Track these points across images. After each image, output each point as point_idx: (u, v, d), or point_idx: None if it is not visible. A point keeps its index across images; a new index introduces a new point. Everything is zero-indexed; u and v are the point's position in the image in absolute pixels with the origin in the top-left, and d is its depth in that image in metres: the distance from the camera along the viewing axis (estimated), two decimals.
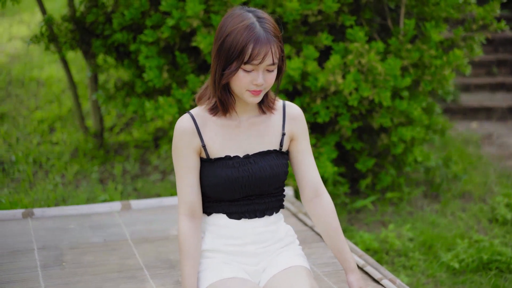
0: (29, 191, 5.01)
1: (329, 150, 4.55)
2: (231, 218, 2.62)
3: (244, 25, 2.44)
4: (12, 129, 6.16)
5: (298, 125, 2.68)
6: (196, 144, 2.55)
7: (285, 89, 4.61)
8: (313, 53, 4.45)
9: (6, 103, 6.72)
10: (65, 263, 3.32)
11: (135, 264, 3.32)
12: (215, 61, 2.48)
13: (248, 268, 2.66)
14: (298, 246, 2.79)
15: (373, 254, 4.39)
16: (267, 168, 2.58)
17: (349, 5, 4.59)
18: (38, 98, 6.85)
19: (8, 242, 3.54)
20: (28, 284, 3.09)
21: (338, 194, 4.84)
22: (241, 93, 2.48)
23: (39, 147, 5.84)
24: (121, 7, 4.81)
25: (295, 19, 4.46)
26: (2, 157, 5.62)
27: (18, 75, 7.31)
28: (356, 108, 4.52)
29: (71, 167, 5.47)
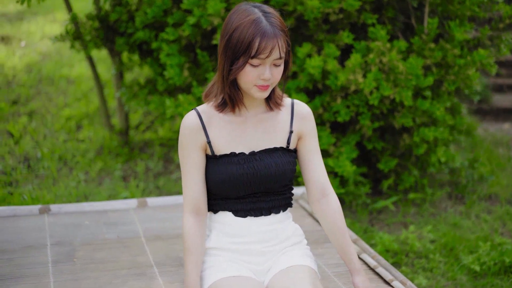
0: (52, 187, 5.06)
1: (349, 149, 4.50)
2: (237, 216, 2.60)
3: (250, 19, 2.43)
4: (40, 126, 6.23)
5: (307, 124, 2.66)
6: (201, 140, 2.55)
7: (306, 88, 4.57)
8: (334, 51, 4.41)
9: (36, 100, 6.80)
10: (76, 259, 3.34)
11: (146, 261, 3.32)
12: (222, 57, 2.48)
13: (253, 267, 2.64)
14: (306, 246, 2.77)
15: (393, 256, 4.34)
16: (272, 165, 2.56)
17: (371, 3, 4.54)
18: (67, 96, 6.92)
19: (22, 238, 3.56)
20: (38, 279, 3.11)
21: (359, 194, 4.79)
22: (249, 89, 2.47)
23: (65, 144, 5.90)
24: (144, 5, 4.83)
25: (316, 17, 4.43)
26: (28, 154, 5.69)
27: (48, 73, 7.40)
28: (377, 107, 4.47)
29: (95, 164, 5.51)
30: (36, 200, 4.72)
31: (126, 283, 3.09)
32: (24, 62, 7.62)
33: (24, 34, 8.38)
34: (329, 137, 4.45)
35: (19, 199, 4.76)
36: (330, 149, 4.52)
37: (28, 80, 7.17)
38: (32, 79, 7.21)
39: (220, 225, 2.63)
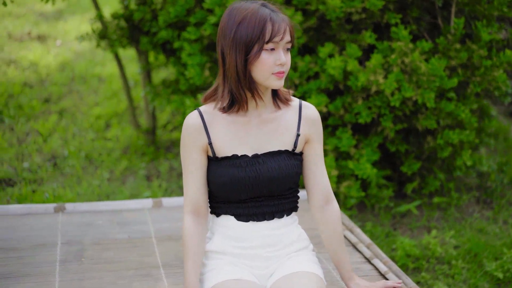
0: (76, 186, 5.08)
1: (370, 152, 4.42)
2: (239, 220, 2.56)
3: (253, 10, 2.41)
4: (70, 125, 6.27)
5: (315, 128, 2.61)
6: (202, 141, 2.51)
7: (327, 88, 4.50)
8: (355, 51, 4.33)
9: (67, 99, 6.85)
10: (85, 258, 3.34)
11: (153, 262, 3.31)
12: (231, 54, 2.42)
13: (256, 272, 2.60)
14: (312, 251, 2.71)
15: (414, 261, 4.24)
16: (276, 168, 2.51)
17: (395, 3, 4.44)
18: (98, 95, 6.96)
19: (34, 236, 3.58)
20: (44, 278, 3.12)
21: (382, 197, 4.70)
22: (266, 78, 2.42)
23: (93, 143, 5.93)
24: (168, 4, 4.82)
25: (338, 16, 4.35)
26: (56, 152, 5.73)
27: (81, 72, 7.45)
28: (399, 109, 4.37)
29: (120, 163, 5.52)
30: (58, 199, 4.75)
31: (130, 284, 3.08)
32: (58, 61, 7.69)
33: (60, 33, 8.47)
34: (350, 139, 4.37)
35: (41, 197, 4.78)
36: (351, 151, 4.45)
37: (61, 79, 7.24)
38: (65, 78, 7.27)
39: (222, 229, 2.59)
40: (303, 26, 4.47)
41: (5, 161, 5.50)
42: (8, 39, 8.20)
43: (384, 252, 4.29)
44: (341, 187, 4.44)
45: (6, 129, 6.14)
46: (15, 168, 5.38)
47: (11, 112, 6.46)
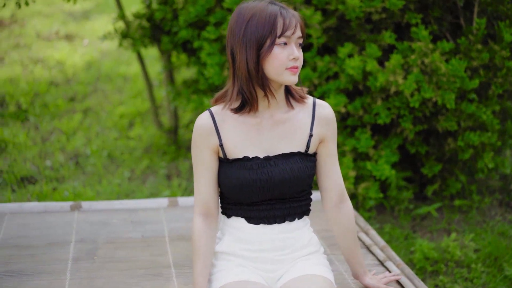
0: (96, 185, 5.11)
1: (389, 153, 4.37)
2: (250, 223, 2.53)
3: (262, 6, 2.40)
4: (94, 124, 6.31)
5: (330, 127, 2.57)
6: (213, 143, 2.48)
7: (346, 89, 4.47)
8: (375, 51, 4.29)
9: (92, 98, 6.90)
10: (97, 257, 3.35)
11: (165, 262, 3.30)
12: (242, 52, 2.39)
13: (264, 274, 2.58)
14: (323, 255, 2.68)
15: (432, 264, 4.19)
16: (287, 171, 2.47)
17: (416, 3, 4.39)
18: (123, 94, 7.00)
19: (49, 234, 3.60)
20: (54, 276, 3.14)
21: (401, 199, 4.65)
22: (280, 74, 2.39)
23: (115, 141, 5.96)
24: (189, 3, 4.82)
25: (358, 16, 4.32)
26: (78, 151, 5.77)
27: (107, 71, 7.50)
28: (419, 110, 4.32)
29: (141, 162, 5.54)
30: (77, 197, 4.77)
31: (139, 283, 3.08)
32: (84, 60, 7.75)
33: (88, 33, 8.53)
34: (368, 140, 4.33)
35: (61, 195, 4.82)
36: (370, 152, 4.40)
37: (87, 78, 7.29)
38: (91, 77, 7.32)
39: (233, 230, 2.57)
40: (322, 26, 4.44)
41: (28, 159, 5.55)
42: (36, 38, 8.29)
43: (402, 254, 4.26)
44: (359, 188, 4.40)
45: (31, 128, 6.21)
46: (37, 166, 5.43)
47: (37, 111, 6.52)
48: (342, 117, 4.51)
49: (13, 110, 6.50)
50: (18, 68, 7.48)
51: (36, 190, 4.95)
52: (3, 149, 5.75)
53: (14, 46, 8.10)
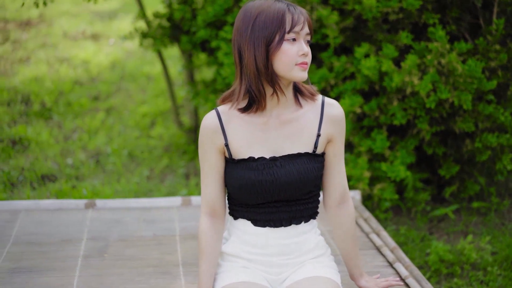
0: (115, 183, 5.15)
1: (405, 154, 4.34)
2: (256, 226, 2.51)
3: (269, 3, 2.40)
4: (116, 122, 6.37)
5: (338, 127, 2.53)
6: (219, 143, 2.46)
7: (362, 89, 4.45)
8: (392, 52, 4.26)
9: (116, 97, 6.96)
10: (107, 254, 3.38)
11: (174, 260, 3.32)
12: (250, 49, 2.38)
13: (269, 277, 2.55)
14: (330, 256, 2.65)
15: (448, 266, 4.15)
16: (294, 172, 2.44)
17: (433, 3, 4.35)
18: (146, 93, 7.04)
19: (61, 231, 3.64)
20: (64, 273, 3.17)
21: (418, 201, 4.62)
22: (289, 70, 2.37)
23: (136, 140, 6.00)
24: (208, 3, 4.84)
25: (374, 16, 4.30)
26: (100, 149, 5.82)
27: (131, 71, 7.56)
28: (435, 111, 4.28)
29: (160, 161, 5.57)
30: (95, 195, 4.82)
31: (148, 281, 3.11)
32: (109, 59, 7.82)
33: (114, 32, 8.60)
34: (384, 141, 4.30)
35: (80, 193, 4.86)
36: (386, 153, 4.38)
37: (111, 77, 7.36)
38: (115, 76, 7.39)
39: (239, 232, 2.55)
40: (339, 26, 4.42)
41: (49, 157, 5.61)
42: (63, 38, 8.38)
43: (417, 256, 4.23)
44: (375, 189, 4.38)
45: (54, 126, 6.28)
46: (58, 164, 5.49)
47: (61, 110, 6.59)
48: (358, 117, 4.49)
49: (37, 109, 6.58)
50: (44, 67, 7.57)
51: (56, 188, 5.00)
52: (26, 147, 5.82)
53: (41, 46, 8.20)
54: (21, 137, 5.94)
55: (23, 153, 5.70)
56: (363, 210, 3.96)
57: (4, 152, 5.66)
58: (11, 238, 3.54)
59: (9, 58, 7.81)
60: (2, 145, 5.77)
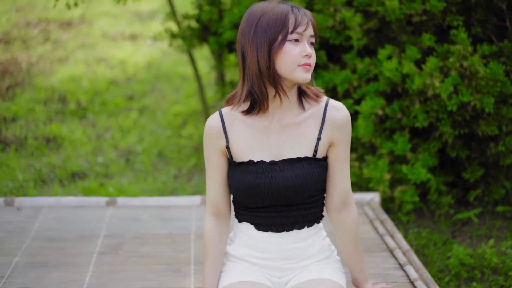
0: (143, 182, 5.23)
1: (427, 156, 4.31)
2: (258, 230, 2.51)
3: (273, 5, 2.40)
4: (149, 122, 6.46)
5: (341, 130, 2.48)
6: (221, 144, 2.47)
7: (384, 91, 4.44)
8: (414, 54, 4.24)
9: (150, 97, 7.05)
10: (122, 251, 3.44)
11: (186, 258, 3.37)
12: (252, 50, 2.37)
13: (272, 279, 2.56)
14: (336, 258, 2.64)
15: (468, 270, 4.12)
16: (292, 177, 2.42)
17: (458, 5, 4.32)
18: (179, 93, 7.12)
19: (80, 228, 3.73)
20: (77, 268, 3.25)
21: (442, 204, 4.59)
22: (292, 71, 2.36)
23: (167, 140, 6.08)
24: (234, 5, 4.88)
25: (398, 18, 4.28)
26: (131, 148, 5.91)
27: (166, 71, 7.65)
28: (458, 113, 4.25)
29: (189, 161, 5.63)
30: (121, 193, 4.90)
31: (158, 278, 3.16)
32: (145, 59, 7.92)
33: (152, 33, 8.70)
34: (405, 143, 4.29)
35: (107, 191, 4.95)
36: (408, 156, 4.36)
37: (147, 77, 7.46)
38: (150, 76, 7.49)
39: (243, 235, 2.56)
40: (363, 27, 4.42)
41: (81, 155, 5.72)
42: (102, 38, 8.52)
43: (438, 260, 4.20)
44: (396, 192, 4.36)
45: (88, 125, 6.40)
46: (89, 162, 5.59)
47: (95, 109, 6.71)
48: (381, 119, 4.48)
49: (73, 108, 6.72)
50: (81, 67, 7.72)
51: (84, 185, 5.10)
52: (59, 145, 5.95)
53: (80, 46, 8.36)
54: (55, 135, 6.08)
55: (56, 151, 5.82)
56: (380, 212, 3.96)
57: (37, 150, 5.79)
58: (31, 233, 3.64)
59: (49, 58, 7.98)
60: (36, 143, 5.91)
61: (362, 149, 4.64)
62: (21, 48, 8.27)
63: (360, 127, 4.35)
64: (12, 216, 3.85)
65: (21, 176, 5.26)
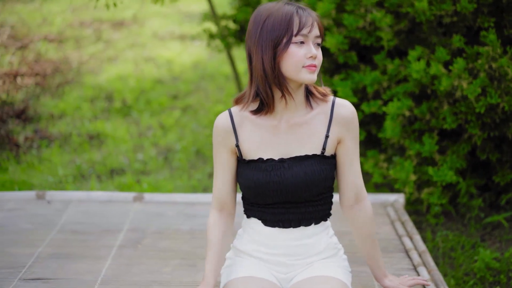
0: (178, 179, 5.32)
1: (455, 159, 4.28)
2: (266, 226, 2.56)
3: (278, 7, 2.43)
4: (191, 121, 6.55)
5: (349, 127, 2.53)
6: (231, 143, 2.52)
7: (412, 92, 4.42)
8: (444, 55, 4.22)
9: (194, 96, 7.15)
10: (141, 245, 3.53)
11: (202, 254, 3.41)
12: (258, 52, 2.41)
13: (277, 275, 2.61)
14: (343, 256, 2.67)
15: (495, 274, 4.08)
16: (300, 174, 2.47)
17: (489, 6, 4.27)
18: (223, 93, 7.20)
19: (105, 222, 3.83)
20: (96, 261, 3.35)
21: (472, 207, 4.54)
22: (297, 72, 2.40)
23: (207, 139, 6.16)
24: None
25: (428, 19, 4.27)
26: (170, 146, 6.02)
27: (212, 70, 7.74)
28: (487, 116, 4.20)
29: None
30: (155, 189, 5.00)
31: (172, 272, 3.23)
32: (192, 59, 8.04)
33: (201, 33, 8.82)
34: (432, 145, 4.26)
35: (142, 187, 5.06)
36: (436, 157, 4.33)
37: (192, 77, 7.57)
38: (196, 76, 7.59)
39: (250, 231, 2.61)
40: (394, 28, 4.42)
41: (122, 152, 5.86)
42: (151, 38, 8.67)
43: (465, 263, 4.17)
44: (423, 194, 4.34)
45: (131, 123, 6.53)
46: (129, 159, 5.72)
47: (140, 107, 6.85)
48: (409, 120, 4.46)
49: (118, 106, 6.87)
50: (130, 66, 7.88)
51: (120, 181, 5.23)
52: (102, 141, 6.10)
53: (130, 45, 8.53)
54: (99, 132, 6.23)
55: (98, 148, 5.97)
56: (403, 213, 3.95)
57: (80, 146, 5.95)
58: (57, 226, 3.76)
59: (99, 57, 8.17)
60: (80, 140, 6.07)
61: (392, 150, 4.63)
62: (74, 48, 8.49)
63: (388, 128, 4.34)
64: (42, 209, 3.99)
65: (61, 171, 5.42)
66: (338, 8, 4.54)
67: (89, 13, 9.50)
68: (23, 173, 5.37)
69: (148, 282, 3.14)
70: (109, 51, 8.35)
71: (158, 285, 3.12)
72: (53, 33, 8.92)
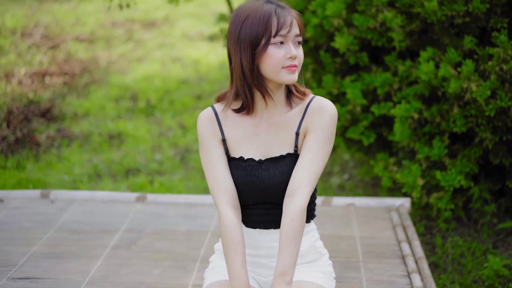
0: (192, 179, 5.30)
1: (465, 163, 4.17)
2: (247, 227, 2.52)
3: (257, 6, 2.37)
4: None
5: (314, 119, 2.41)
6: (218, 135, 2.46)
7: (422, 94, 4.32)
8: (455, 57, 4.11)
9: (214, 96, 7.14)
10: (135, 246, 3.52)
11: (194, 256, 3.41)
12: (237, 52, 2.37)
13: (258, 278, 2.57)
14: (327, 261, 2.60)
15: (504, 282, 3.96)
16: (276, 175, 2.42)
17: (503, 6, 4.15)
18: None
19: (104, 221, 3.84)
20: (87, 260, 3.35)
21: (484, 212, 4.42)
22: (277, 73, 2.35)
23: None
24: None
25: (439, 20, 4.17)
26: (189, 146, 6.01)
27: None
28: (497, 119, 4.09)
29: None
30: (168, 190, 4.99)
31: (161, 274, 3.22)
32: (219, 59, 8.03)
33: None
34: (441, 148, 4.16)
35: (153, 187, 5.06)
36: (446, 161, 4.23)
37: (217, 77, 7.56)
38: (221, 76, 7.58)
39: None
40: (405, 29, 4.33)
41: (140, 152, 5.87)
42: (181, 38, 8.69)
43: (474, 269, 4.07)
44: (431, 198, 4.24)
45: (153, 123, 6.55)
46: (146, 159, 5.73)
47: (164, 107, 6.87)
48: (420, 123, 4.36)
49: (142, 106, 6.90)
50: (157, 66, 7.91)
51: (134, 181, 5.23)
52: (122, 141, 6.12)
53: (159, 46, 8.56)
54: (120, 132, 6.26)
55: (118, 147, 6.00)
56: (406, 218, 3.87)
57: (100, 146, 5.99)
58: (56, 225, 3.78)
59: (128, 57, 8.22)
60: (100, 139, 6.11)
61: (402, 154, 4.54)
62: (104, 47, 8.56)
63: (397, 131, 4.26)
64: (44, 208, 4.01)
65: (77, 171, 5.45)
66: (349, 8, 4.47)
67: (122, 13, 9.56)
68: (39, 171, 5.42)
69: (135, 283, 3.12)
70: (138, 51, 8.40)
71: (145, 286, 3.10)
72: (85, 33, 9.01)
